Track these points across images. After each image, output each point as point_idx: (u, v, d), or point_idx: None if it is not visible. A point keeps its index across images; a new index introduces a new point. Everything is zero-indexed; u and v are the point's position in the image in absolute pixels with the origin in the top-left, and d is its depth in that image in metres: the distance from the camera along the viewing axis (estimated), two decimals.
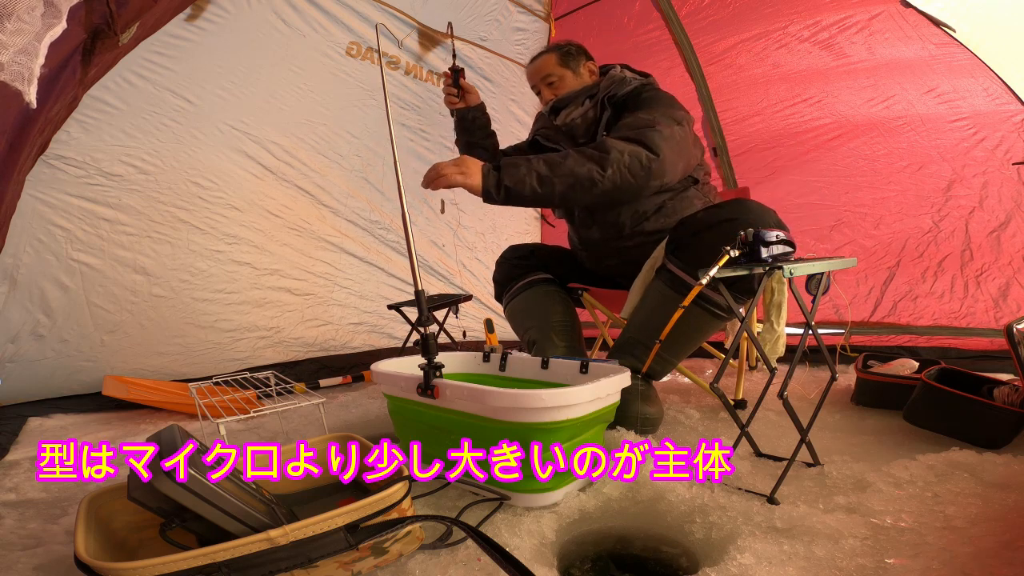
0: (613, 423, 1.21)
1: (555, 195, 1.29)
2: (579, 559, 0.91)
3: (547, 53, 1.63)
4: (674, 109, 1.46)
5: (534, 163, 1.28)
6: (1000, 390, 1.26)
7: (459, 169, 1.26)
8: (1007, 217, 1.99)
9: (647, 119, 1.39)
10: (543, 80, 1.61)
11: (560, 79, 1.60)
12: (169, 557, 0.64)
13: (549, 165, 1.28)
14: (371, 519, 0.75)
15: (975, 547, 0.79)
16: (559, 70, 1.60)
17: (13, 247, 1.62)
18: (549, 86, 1.61)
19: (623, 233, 1.55)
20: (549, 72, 1.60)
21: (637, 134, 1.35)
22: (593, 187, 1.29)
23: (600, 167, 1.29)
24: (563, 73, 1.60)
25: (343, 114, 2.25)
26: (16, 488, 1.17)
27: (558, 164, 1.28)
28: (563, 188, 1.28)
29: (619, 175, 1.30)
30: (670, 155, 1.36)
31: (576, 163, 1.29)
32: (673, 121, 1.41)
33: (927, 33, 1.99)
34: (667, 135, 1.37)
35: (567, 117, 1.59)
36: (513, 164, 1.28)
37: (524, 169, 1.27)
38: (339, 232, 2.32)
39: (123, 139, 1.76)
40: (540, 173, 1.27)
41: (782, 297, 1.41)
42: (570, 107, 1.58)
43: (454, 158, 1.30)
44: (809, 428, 1.06)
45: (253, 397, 1.53)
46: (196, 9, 1.78)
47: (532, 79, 1.66)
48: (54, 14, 0.72)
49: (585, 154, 1.30)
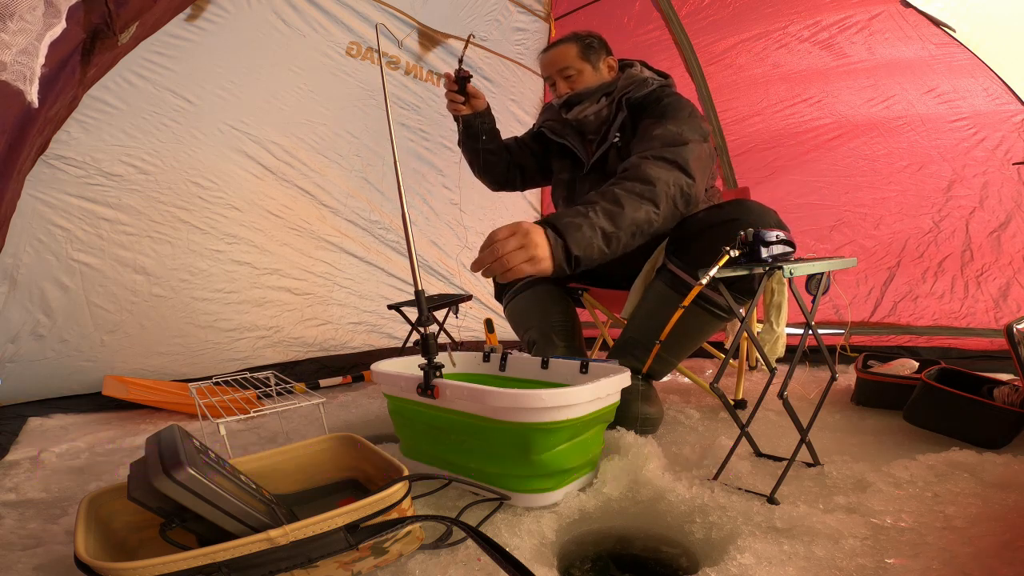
0: (613, 423, 1.21)
1: (620, 249, 1.16)
2: (579, 559, 0.91)
3: (567, 43, 1.53)
4: (699, 120, 1.38)
5: (594, 219, 1.11)
6: (1000, 390, 1.26)
7: (527, 254, 1.04)
8: (1007, 217, 1.99)
9: (677, 134, 1.30)
10: (560, 72, 1.52)
11: (579, 73, 1.51)
12: (169, 557, 0.64)
13: (610, 218, 1.13)
14: (371, 519, 0.75)
15: (975, 547, 0.79)
16: (579, 63, 1.51)
17: (13, 247, 1.62)
18: (567, 79, 1.53)
19: None
20: (568, 64, 1.51)
21: (674, 155, 1.25)
22: (651, 228, 1.19)
23: (655, 205, 1.18)
24: (583, 67, 1.51)
25: (343, 114, 2.25)
26: (16, 488, 1.17)
27: (618, 215, 1.14)
28: (627, 239, 1.16)
29: (669, 208, 1.21)
30: (700, 177, 1.29)
31: (632, 208, 1.15)
32: (701, 137, 1.34)
33: (927, 33, 1.99)
34: (697, 154, 1.29)
35: (580, 113, 1.52)
36: (575, 226, 1.09)
37: (588, 231, 1.10)
38: (339, 232, 2.32)
39: (123, 139, 1.76)
40: (605, 230, 1.12)
41: (782, 298, 1.41)
42: (585, 103, 1.51)
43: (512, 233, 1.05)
44: (809, 428, 1.06)
45: (253, 397, 1.53)
46: (196, 9, 1.78)
47: (548, 69, 1.56)
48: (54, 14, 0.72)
49: (635, 192, 1.17)
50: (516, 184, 1.79)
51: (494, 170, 1.73)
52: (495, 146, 1.68)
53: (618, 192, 1.17)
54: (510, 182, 1.78)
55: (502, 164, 1.72)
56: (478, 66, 2.64)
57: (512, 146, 1.76)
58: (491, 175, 1.75)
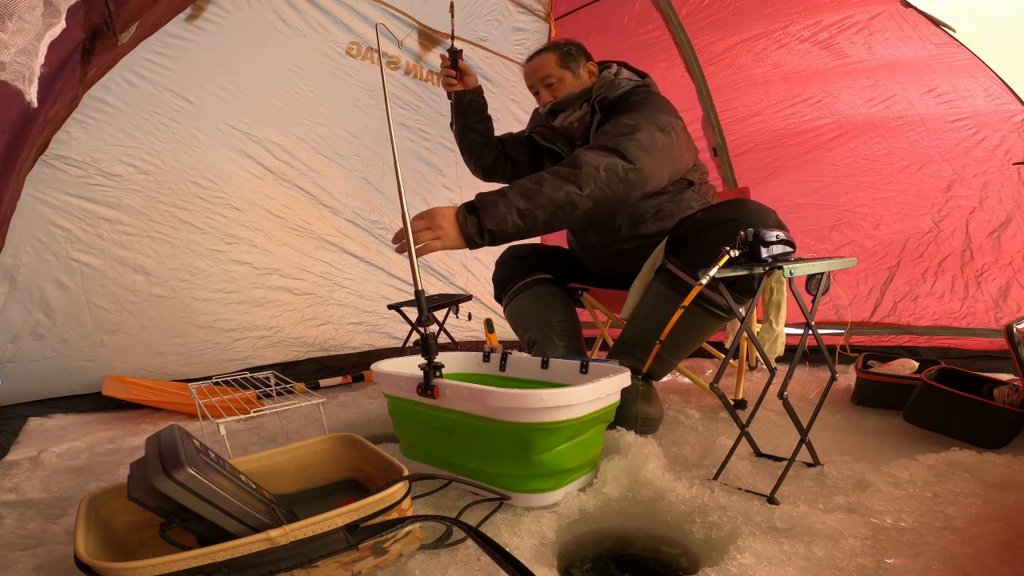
0: (613, 423, 1.21)
1: (539, 225, 1.24)
2: (579, 559, 0.91)
3: (546, 52, 1.58)
4: (660, 114, 1.41)
5: (511, 198, 1.21)
6: (1000, 390, 1.26)
7: (433, 233, 1.18)
8: (1007, 217, 1.99)
9: (628, 125, 1.35)
10: (542, 81, 1.57)
11: (559, 80, 1.56)
12: (169, 557, 0.64)
13: (526, 196, 1.22)
14: (371, 519, 0.75)
15: (975, 547, 0.79)
16: (558, 71, 1.56)
17: (13, 247, 1.62)
18: (548, 87, 1.57)
19: (620, 236, 1.55)
20: (548, 73, 1.56)
21: (615, 142, 1.31)
22: (575, 209, 1.25)
23: (577, 187, 1.24)
24: (563, 75, 1.56)
25: (343, 114, 2.26)
26: (16, 488, 1.18)
27: (535, 193, 1.22)
28: (545, 216, 1.23)
29: (599, 190, 1.25)
30: (649, 163, 1.31)
31: (552, 188, 1.23)
32: (656, 127, 1.36)
33: (927, 33, 1.99)
34: (646, 143, 1.32)
35: (565, 120, 1.55)
36: (490, 203, 1.21)
37: (503, 207, 1.20)
38: (339, 232, 2.32)
39: (123, 139, 1.76)
40: (519, 208, 1.21)
41: (781, 297, 1.41)
42: (568, 110, 1.55)
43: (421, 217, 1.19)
44: (809, 428, 1.06)
45: (253, 397, 1.53)
46: (196, 9, 1.78)
47: (530, 79, 1.61)
48: (53, 13, 0.72)
49: (560, 175, 1.25)
50: (505, 175, 1.79)
51: (481, 153, 1.74)
52: (483, 127, 1.72)
53: (544, 176, 1.26)
54: (498, 172, 1.78)
55: (490, 149, 1.74)
56: (478, 66, 2.64)
57: (507, 139, 1.78)
58: (476, 157, 1.75)
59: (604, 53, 2.15)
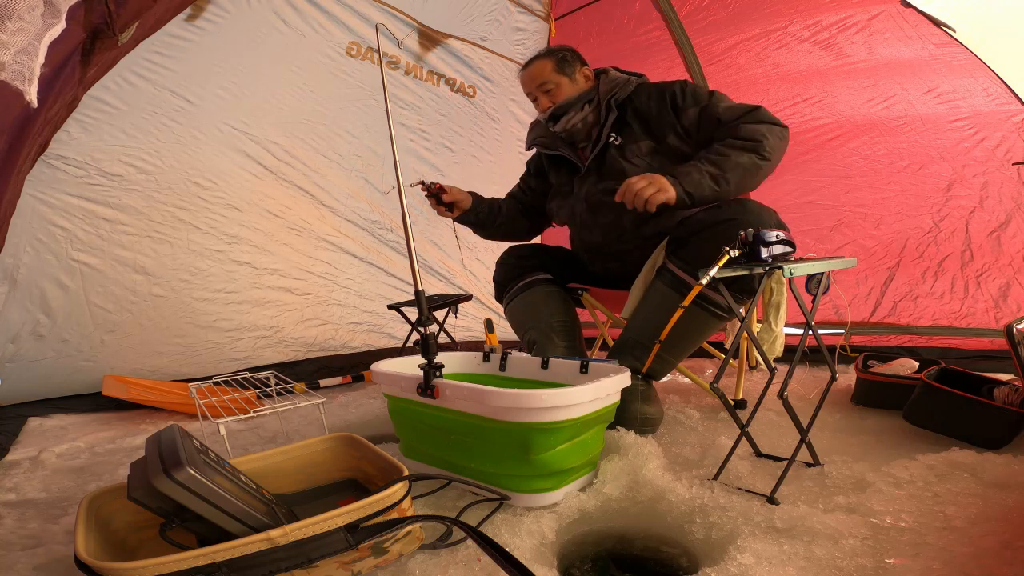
0: (613, 423, 1.21)
1: (731, 187, 1.33)
2: (579, 559, 0.91)
3: (542, 59, 1.61)
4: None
5: (702, 167, 1.33)
6: (1000, 390, 1.26)
7: (656, 187, 1.29)
8: (1007, 217, 1.98)
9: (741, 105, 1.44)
10: (540, 87, 1.60)
11: (557, 86, 1.58)
12: (169, 557, 0.64)
13: (716, 164, 1.33)
14: (371, 519, 0.75)
15: (975, 547, 0.79)
16: (556, 77, 1.58)
17: (13, 247, 1.62)
18: (546, 93, 1.60)
19: (624, 236, 1.55)
20: (546, 79, 1.59)
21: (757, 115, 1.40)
22: (759, 171, 1.35)
23: (757, 152, 1.34)
24: (560, 80, 1.58)
25: (343, 114, 2.26)
26: (16, 488, 1.18)
27: (724, 160, 1.33)
28: (736, 179, 1.33)
29: (776, 153, 1.36)
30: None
31: (737, 154, 1.33)
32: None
33: (927, 33, 1.99)
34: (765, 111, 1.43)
35: (567, 123, 1.58)
36: (685, 173, 1.32)
37: (696, 175, 1.32)
38: (339, 232, 2.32)
39: (123, 139, 1.76)
40: (711, 173, 1.32)
41: (780, 297, 1.41)
42: (570, 113, 1.57)
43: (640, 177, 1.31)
44: (809, 428, 1.06)
45: (253, 397, 1.53)
46: (196, 9, 1.78)
47: (528, 86, 1.63)
48: (53, 13, 0.72)
49: (737, 145, 1.35)
50: (543, 223, 1.88)
51: (520, 232, 1.87)
52: (501, 220, 1.80)
53: (720, 147, 1.36)
54: (538, 226, 1.89)
55: (521, 224, 1.85)
56: (478, 66, 2.64)
57: (518, 195, 1.84)
58: (518, 235, 1.88)
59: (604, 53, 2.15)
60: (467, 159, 2.72)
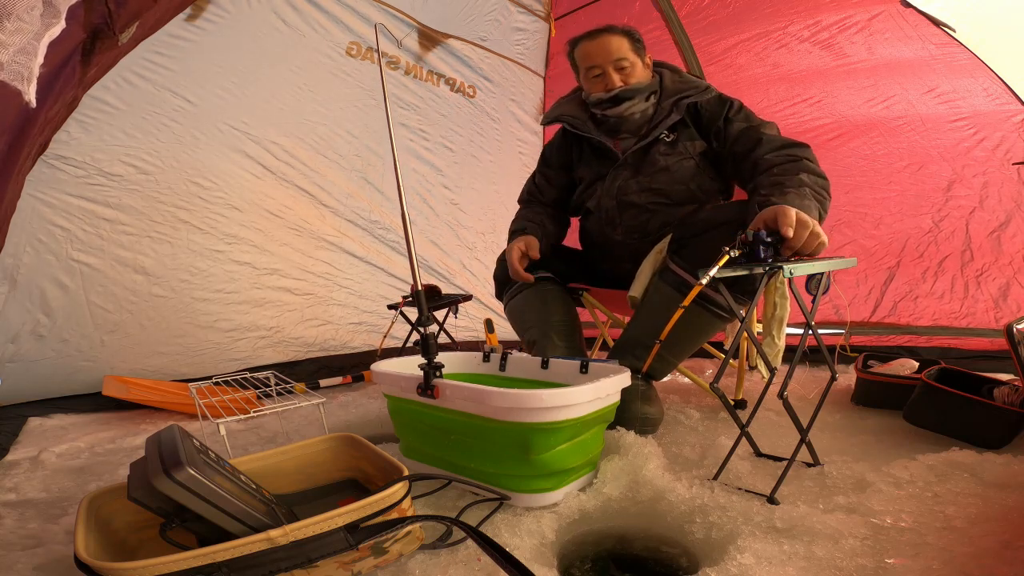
0: (613, 423, 1.21)
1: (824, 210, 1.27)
2: (579, 559, 0.91)
3: (618, 35, 1.50)
4: None
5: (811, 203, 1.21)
6: (1000, 390, 1.26)
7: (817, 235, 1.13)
8: (1007, 217, 1.98)
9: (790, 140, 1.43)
10: (615, 63, 1.48)
11: (632, 66, 1.48)
12: (169, 557, 0.64)
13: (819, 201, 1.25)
14: (371, 519, 0.75)
15: (975, 547, 0.79)
16: (632, 56, 1.49)
17: (13, 247, 1.62)
18: (620, 71, 1.49)
19: (647, 238, 1.54)
20: (624, 56, 1.48)
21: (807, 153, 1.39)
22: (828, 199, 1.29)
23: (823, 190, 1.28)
24: (635, 60, 1.49)
25: (343, 114, 2.25)
26: (16, 488, 1.18)
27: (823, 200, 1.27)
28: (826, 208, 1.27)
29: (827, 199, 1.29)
30: None
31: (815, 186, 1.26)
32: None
33: (927, 33, 1.99)
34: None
35: (629, 109, 1.49)
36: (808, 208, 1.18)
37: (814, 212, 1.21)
38: (339, 232, 2.32)
39: (123, 139, 1.76)
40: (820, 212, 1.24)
41: (784, 312, 1.40)
42: (635, 99, 1.49)
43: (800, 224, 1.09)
44: (809, 428, 1.06)
45: (253, 397, 1.53)
46: (196, 9, 1.78)
47: (598, 58, 1.50)
48: (53, 14, 0.72)
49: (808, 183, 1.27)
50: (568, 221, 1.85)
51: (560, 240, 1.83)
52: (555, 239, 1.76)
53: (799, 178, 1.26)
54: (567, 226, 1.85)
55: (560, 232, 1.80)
56: (478, 66, 2.64)
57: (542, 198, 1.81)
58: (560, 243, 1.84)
59: None
60: (467, 159, 2.72)
